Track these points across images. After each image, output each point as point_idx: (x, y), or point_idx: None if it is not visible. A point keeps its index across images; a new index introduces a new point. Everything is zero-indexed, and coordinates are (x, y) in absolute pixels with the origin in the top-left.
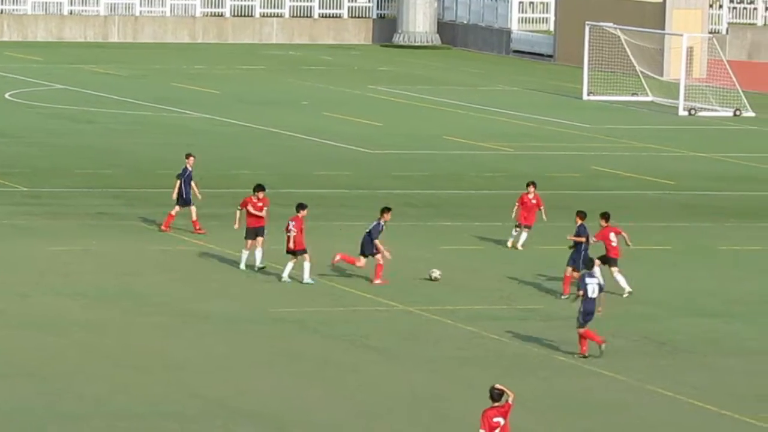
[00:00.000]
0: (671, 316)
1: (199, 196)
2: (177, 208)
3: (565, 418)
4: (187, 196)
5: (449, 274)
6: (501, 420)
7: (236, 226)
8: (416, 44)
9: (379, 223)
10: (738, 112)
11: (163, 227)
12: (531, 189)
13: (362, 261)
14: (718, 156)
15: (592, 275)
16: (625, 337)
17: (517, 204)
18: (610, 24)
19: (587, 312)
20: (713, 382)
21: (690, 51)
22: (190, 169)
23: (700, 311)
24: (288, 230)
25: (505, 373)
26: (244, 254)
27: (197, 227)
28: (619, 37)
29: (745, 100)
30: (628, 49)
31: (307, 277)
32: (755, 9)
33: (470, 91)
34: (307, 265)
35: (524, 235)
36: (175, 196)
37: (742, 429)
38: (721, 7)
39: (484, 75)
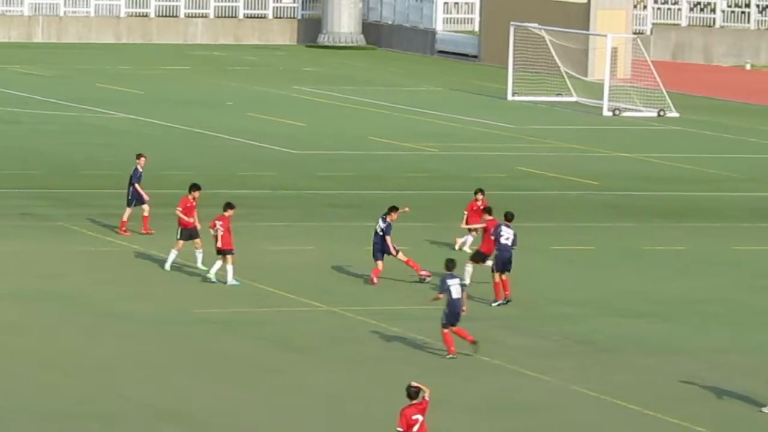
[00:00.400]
0: (595, 317)
1: (146, 198)
2: (129, 210)
3: (490, 419)
4: (140, 195)
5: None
6: (419, 417)
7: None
8: (341, 45)
9: (389, 224)
10: (662, 113)
11: (120, 231)
12: (480, 196)
13: (380, 266)
14: (642, 156)
15: (453, 276)
16: (549, 338)
17: (466, 212)
18: (535, 24)
19: (452, 313)
20: (637, 381)
21: (614, 51)
22: (140, 170)
23: (624, 311)
24: (214, 229)
25: (428, 373)
26: (172, 254)
27: (146, 227)
28: (543, 37)
29: (669, 101)
30: (552, 50)
31: (231, 279)
32: (679, 10)
33: (395, 91)
34: (230, 268)
35: (470, 239)
36: (147, 197)
37: (666, 428)
38: (645, 7)
39: (409, 75)
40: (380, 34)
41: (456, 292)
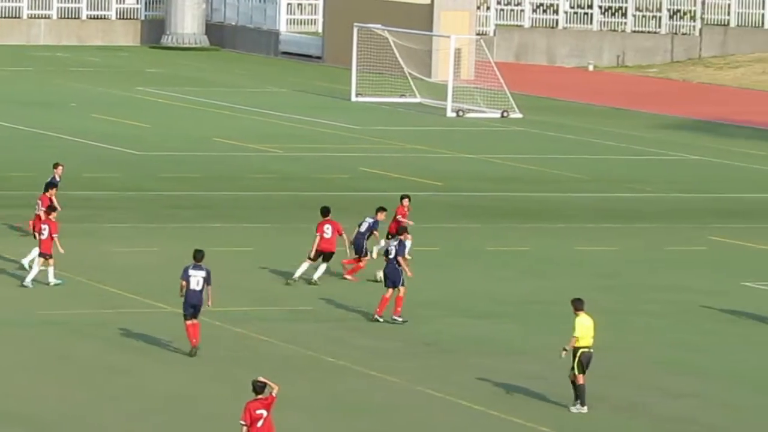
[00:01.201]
0: (439, 317)
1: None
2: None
3: (338, 420)
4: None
5: (218, 276)
6: (263, 412)
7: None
8: (185, 46)
9: (376, 221)
10: (505, 114)
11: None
12: (405, 202)
13: (364, 261)
14: (485, 157)
15: (198, 267)
16: (394, 339)
17: (395, 217)
18: (379, 26)
19: (187, 304)
20: (481, 382)
21: (458, 53)
22: (58, 179)
23: (467, 312)
24: (39, 232)
25: (275, 374)
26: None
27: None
28: (387, 38)
29: (513, 102)
30: (396, 51)
31: (52, 278)
32: (522, 11)
33: (239, 92)
34: (51, 269)
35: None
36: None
37: (511, 428)
38: (488, 8)
39: (253, 76)
40: (224, 35)
41: (194, 283)
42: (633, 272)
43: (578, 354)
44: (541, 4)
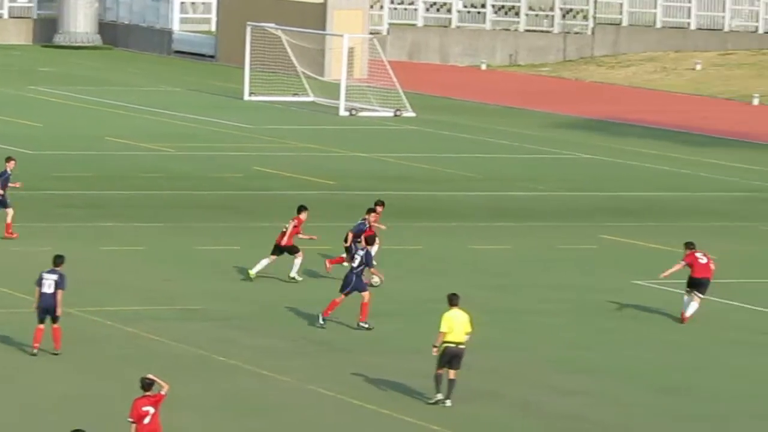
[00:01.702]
0: (330, 316)
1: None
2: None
3: (229, 419)
4: (4, 198)
5: (109, 276)
6: (150, 409)
7: None
8: (77, 45)
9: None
10: (398, 113)
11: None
12: (380, 209)
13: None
14: (378, 156)
15: (53, 271)
16: (285, 338)
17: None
18: (272, 24)
19: (39, 307)
20: (373, 381)
21: (351, 51)
22: (9, 172)
23: (357, 311)
24: None
25: (166, 373)
26: None
27: (9, 230)
28: (280, 37)
29: (406, 101)
30: (289, 50)
31: None
32: (415, 10)
33: (132, 91)
34: None
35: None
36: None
37: (402, 427)
38: (381, 7)
39: (146, 75)
40: (117, 34)
41: (46, 286)
42: (526, 271)
43: (442, 348)
44: (434, 3)
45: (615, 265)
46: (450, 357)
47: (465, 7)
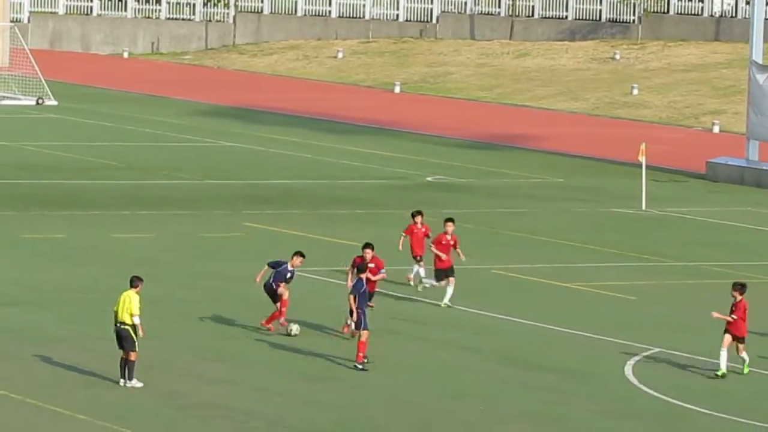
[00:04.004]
0: None
1: None
2: None
3: None
4: None
5: None
6: None
7: None
8: None
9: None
10: (41, 101)
11: None
12: (418, 219)
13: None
14: (20, 144)
15: None
16: None
17: (405, 235)
18: None
19: None
20: (18, 371)
21: None
22: None
23: (2, 300)
24: None
25: None
26: None
27: None
28: None
29: (48, 89)
30: None
31: None
32: None
33: None
34: None
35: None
36: None
37: (49, 417)
38: None
39: None
40: None
41: None
42: (169, 259)
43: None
44: None
45: (259, 253)
46: (119, 337)
47: None
